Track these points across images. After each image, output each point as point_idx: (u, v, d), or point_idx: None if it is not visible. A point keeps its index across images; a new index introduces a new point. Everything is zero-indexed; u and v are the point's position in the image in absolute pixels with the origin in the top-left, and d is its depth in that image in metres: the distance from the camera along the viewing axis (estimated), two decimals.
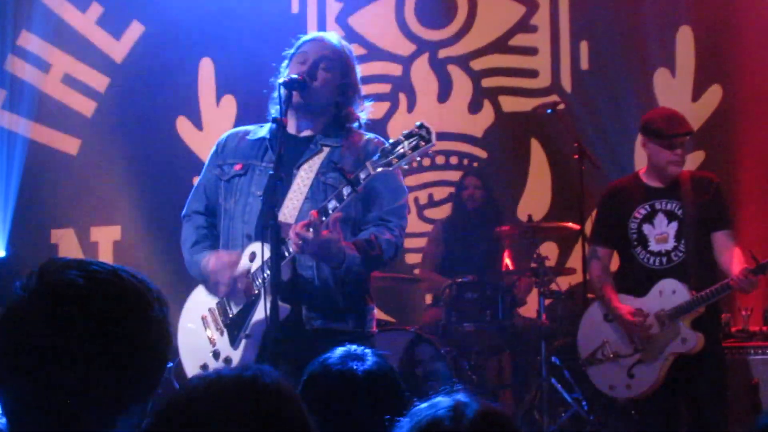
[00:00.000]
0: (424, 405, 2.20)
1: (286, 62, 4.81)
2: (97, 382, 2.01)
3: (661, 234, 6.33)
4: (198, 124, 10.17)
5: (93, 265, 2.10)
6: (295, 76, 4.57)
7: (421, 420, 2.14)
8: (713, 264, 6.30)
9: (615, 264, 6.79)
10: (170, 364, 7.60)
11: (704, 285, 6.17)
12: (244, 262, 4.51)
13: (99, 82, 10.29)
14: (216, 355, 4.55)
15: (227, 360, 4.48)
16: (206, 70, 10.24)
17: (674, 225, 6.34)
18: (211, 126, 9.94)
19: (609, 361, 6.52)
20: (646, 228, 6.39)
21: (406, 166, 4.26)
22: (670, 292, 6.25)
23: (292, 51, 4.81)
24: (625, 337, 6.46)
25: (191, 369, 4.66)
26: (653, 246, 6.37)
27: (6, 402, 2.05)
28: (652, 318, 6.29)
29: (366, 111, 4.85)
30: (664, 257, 6.35)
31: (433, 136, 4.15)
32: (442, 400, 2.18)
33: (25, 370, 2.01)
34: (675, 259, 6.31)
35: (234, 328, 4.52)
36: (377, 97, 9.71)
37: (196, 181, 5.01)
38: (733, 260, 6.18)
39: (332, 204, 4.25)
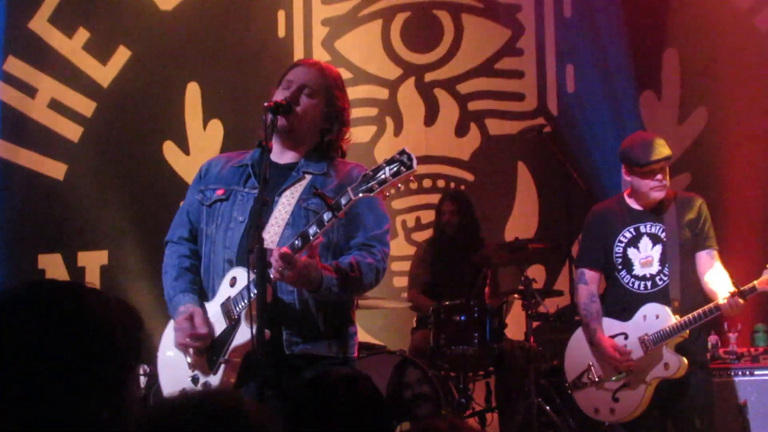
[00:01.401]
0: None
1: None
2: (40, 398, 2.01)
3: (646, 258, 6.31)
4: (185, 148, 10.18)
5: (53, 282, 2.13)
6: (279, 100, 4.58)
7: None
8: (697, 287, 6.27)
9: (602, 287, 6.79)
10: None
11: (689, 309, 6.15)
12: (221, 294, 4.51)
13: (86, 107, 10.32)
14: (195, 380, 4.53)
15: (206, 385, 4.46)
16: (193, 94, 10.25)
17: (659, 248, 6.32)
18: (198, 150, 9.95)
19: (593, 384, 6.51)
20: (631, 252, 6.37)
21: (387, 193, 4.25)
22: (654, 317, 6.23)
23: (279, 78, 4.82)
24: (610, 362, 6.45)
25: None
26: (637, 270, 6.35)
27: None
28: (636, 342, 6.28)
29: (350, 139, 4.85)
30: (648, 281, 6.33)
31: (414, 163, 4.14)
32: None
33: None
34: (659, 284, 6.29)
35: (213, 353, 4.51)
36: (364, 121, 9.81)
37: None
38: (716, 281, 6.18)
39: (313, 229, 4.24)
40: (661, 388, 6.26)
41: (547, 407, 7.68)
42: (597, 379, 6.47)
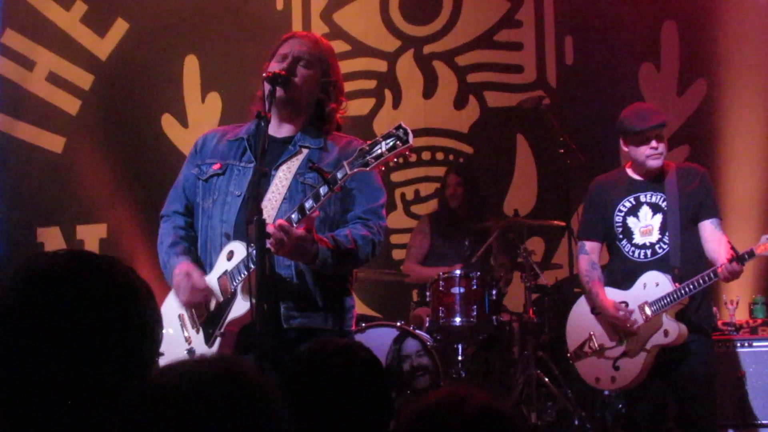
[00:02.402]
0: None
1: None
2: (70, 366, 2.03)
3: (646, 227, 6.35)
4: (183, 121, 10.17)
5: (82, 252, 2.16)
6: (277, 71, 4.57)
7: (421, 406, 2.13)
8: (698, 255, 6.27)
9: (604, 258, 6.80)
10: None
11: (688, 277, 6.16)
12: (218, 268, 4.52)
13: (84, 79, 10.30)
14: (191, 353, 4.55)
15: None
16: (191, 67, 10.23)
17: (659, 217, 6.34)
18: (197, 123, 9.95)
19: (595, 353, 6.54)
20: (631, 221, 6.40)
21: (383, 167, 4.26)
22: (654, 285, 6.25)
23: (273, 50, 4.81)
24: (610, 330, 6.48)
25: None
26: (637, 239, 6.37)
27: None
28: (636, 310, 6.31)
29: (346, 110, 4.86)
30: (648, 249, 6.35)
31: (410, 137, 4.15)
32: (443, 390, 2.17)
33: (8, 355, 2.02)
34: (660, 252, 6.30)
35: (209, 326, 4.53)
36: (363, 94, 9.79)
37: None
38: (721, 249, 6.17)
39: (309, 203, 4.25)
40: (662, 356, 6.28)
41: (546, 379, 7.71)
42: (598, 348, 6.51)
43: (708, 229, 6.30)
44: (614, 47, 9.70)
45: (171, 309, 4.67)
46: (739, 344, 7.53)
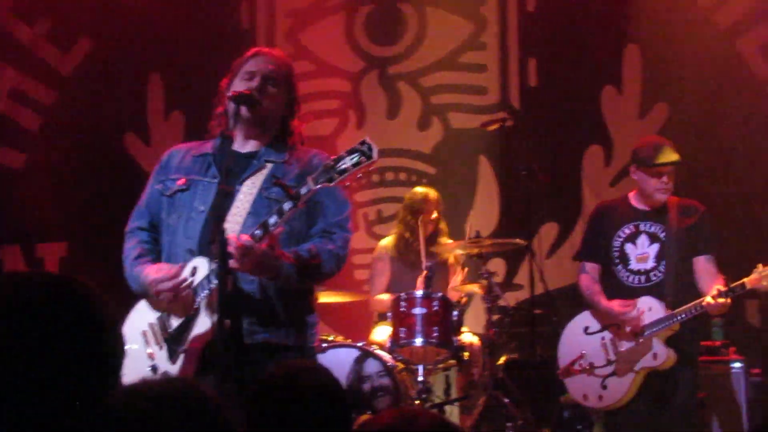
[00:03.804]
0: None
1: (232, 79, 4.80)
2: (38, 386, 2.04)
3: (642, 254, 6.57)
4: (146, 139, 10.13)
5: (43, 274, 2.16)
6: (244, 91, 4.57)
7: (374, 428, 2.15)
8: (691, 286, 6.49)
9: None
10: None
11: (680, 305, 6.37)
12: (185, 274, 4.49)
13: (46, 96, 10.23)
14: (154, 369, 4.53)
15: (165, 375, 4.45)
16: (155, 85, 10.20)
17: (655, 247, 6.56)
18: (160, 142, 9.90)
19: (584, 371, 6.71)
20: (628, 247, 6.61)
21: (348, 183, 4.26)
22: (647, 309, 6.45)
23: (237, 67, 4.81)
24: (601, 350, 6.67)
25: None
26: (633, 265, 6.59)
27: None
28: (628, 335, 6.43)
29: (315, 125, 4.89)
30: (643, 276, 6.57)
31: (375, 153, 4.16)
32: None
33: None
34: (654, 279, 6.53)
35: (173, 342, 4.51)
36: (326, 114, 9.80)
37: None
38: (711, 284, 6.37)
39: (273, 219, 4.25)
40: (650, 380, 6.47)
41: (506, 399, 7.72)
42: (588, 367, 6.70)
43: (702, 264, 6.54)
44: (577, 70, 9.77)
45: (135, 324, 4.65)
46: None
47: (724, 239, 7.25)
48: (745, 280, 6.16)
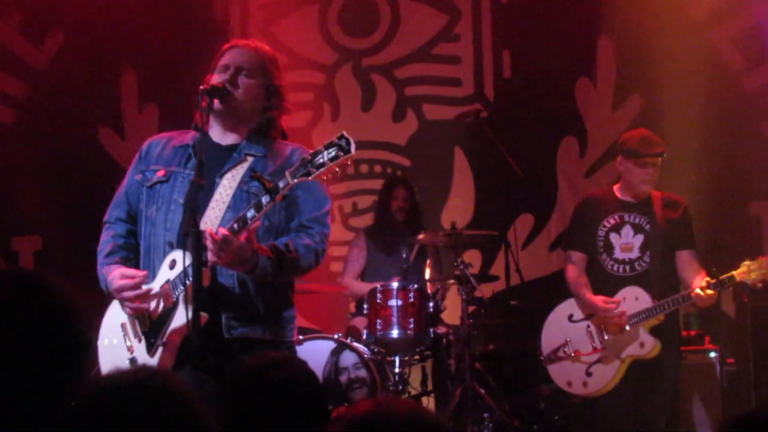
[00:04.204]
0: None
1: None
2: (7, 381, 2.05)
3: (627, 243, 6.67)
4: (120, 132, 10.09)
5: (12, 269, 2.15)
6: (216, 84, 4.57)
7: (350, 419, 2.15)
8: (674, 278, 6.62)
9: None
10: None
11: (665, 295, 6.49)
12: (161, 277, 4.50)
13: (19, 90, 10.16)
14: (133, 362, 4.53)
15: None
16: (129, 78, 10.15)
17: (640, 237, 6.65)
18: (134, 135, 9.85)
19: (569, 359, 6.78)
20: (613, 236, 6.70)
21: (326, 177, 4.27)
22: (633, 299, 6.56)
23: (215, 62, 4.81)
24: (586, 338, 6.76)
25: None
26: (618, 254, 6.69)
27: None
28: (622, 309, 6.51)
29: (290, 115, 4.87)
30: (627, 265, 6.67)
31: (353, 147, 4.17)
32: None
33: None
34: (638, 269, 6.63)
35: (151, 335, 4.51)
36: (301, 106, 9.78)
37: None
38: (696, 277, 6.50)
39: (251, 213, 4.25)
40: (634, 368, 6.56)
41: (482, 390, 7.74)
42: (573, 354, 6.76)
43: (685, 258, 6.68)
44: (551, 62, 9.79)
45: (114, 318, 4.64)
46: None
47: (701, 229, 7.28)
48: (734, 272, 6.29)
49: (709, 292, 6.29)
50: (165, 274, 4.48)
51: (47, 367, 2.08)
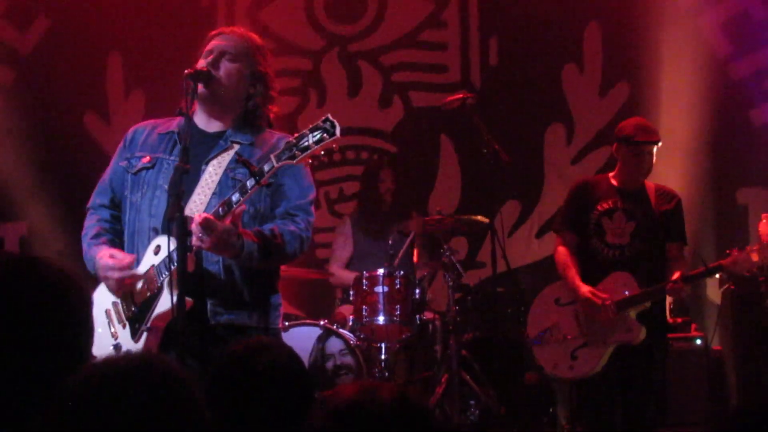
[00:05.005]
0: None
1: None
2: (8, 365, 2.05)
3: (618, 229, 6.66)
4: (106, 119, 10.06)
5: (9, 254, 2.17)
6: (200, 67, 4.57)
7: (336, 403, 2.15)
8: (663, 266, 6.64)
9: None
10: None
11: (654, 282, 6.54)
12: (145, 262, 4.49)
13: (4, 75, 10.12)
14: (117, 348, 4.54)
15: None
16: (114, 64, 10.12)
17: (632, 224, 6.69)
18: (120, 121, 9.82)
19: (556, 342, 6.80)
20: (605, 221, 6.72)
21: (310, 160, 4.27)
22: (621, 284, 6.59)
23: (202, 48, 4.80)
24: (573, 321, 6.78)
25: None
26: (609, 238, 6.71)
27: None
28: (609, 294, 6.54)
29: (277, 104, 4.86)
30: (617, 250, 6.68)
31: (338, 130, 4.18)
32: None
33: None
34: (628, 254, 6.65)
35: (136, 321, 4.51)
36: (287, 92, 9.76)
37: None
38: (678, 269, 6.55)
39: (236, 196, 4.25)
40: (622, 353, 6.57)
41: (468, 377, 7.74)
42: (561, 338, 6.78)
43: (674, 250, 6.72)
44: (538, 48, 9.79)
45: (97, 305, 4.63)
46: None
47: (687, 217, 7.29)
48: (722, 262, 6.35)
49: (681, 285, 6.40)
50: (149, 259, 4.48)
51: (50, 351, 2.07)
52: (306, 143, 4.18)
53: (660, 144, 6.74)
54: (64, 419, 1.84)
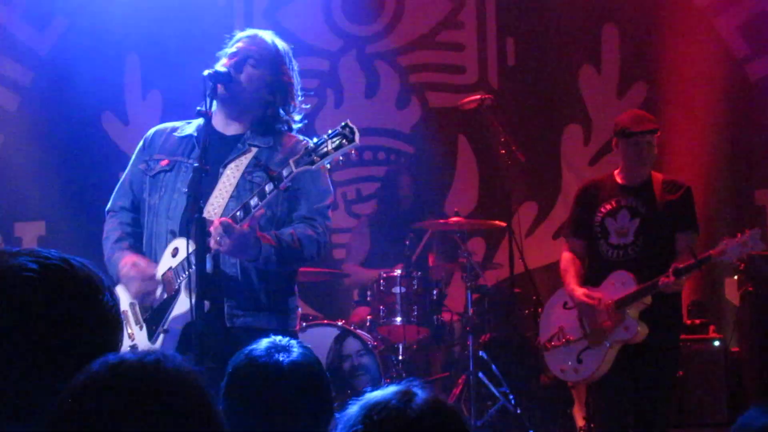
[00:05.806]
0: (376, 392, 2.22)
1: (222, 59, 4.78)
2: (41, 363, 2.05)
3: (622, 228, 6.60)
4: (124, 119, 10.08)
5: (43, 252, 2.17)
6: (220, 68, 4.57)
7: (370, 403, 2.15)
8: (669, 261, 6.43)
9: None
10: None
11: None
12: (163, 264, 4.50)
13: (23, 75, 10.14)
14: (133, 349, 4.53)
15: None
16: (132, 64, 10.14)
17: (636, 222, 6.58)
18: (137, 121, 9.84)
19: (562, 345, 6.77)
20: (609, 222, 6.64)
21: (329, 165, 4.27)
22: (621, 284, 6.49)
23: (227, 48, 4.80)
24: (577, 324, 6.71)
25: None
26: (613, 239, 6.62)
27: None
28: (605, 302, 6.48)
29: (299, 112, 4.85)
30: (621, 250, 6.59)
31: (357, 136, 4.18)
32: (393, 387, 2.21)
33: None
34: (631, 253, 6.55)
35: (153, 322, 4.52)
36: (305, 93, 9.75)
37: (122, 176, 4.98)
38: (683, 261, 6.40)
39: (254, 200, 4.26)
40: (628, 353, 6.49)
41: (486, 378, 7.74)
42: (565, 341, 6.73)
43: (683, 241, 6.55)
44: (555, 49, 9.78)
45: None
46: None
47: (705, 217, 7.25)
48: (711, 252, 6.24)
49: (673, 278, 6.21)
50: (167, 261, 4.49)
51: (85, 351, 2.07)
52: (325, 149, 4.18)
53: (658, 133, 6.63)
54: (71, 420, 1.84)
